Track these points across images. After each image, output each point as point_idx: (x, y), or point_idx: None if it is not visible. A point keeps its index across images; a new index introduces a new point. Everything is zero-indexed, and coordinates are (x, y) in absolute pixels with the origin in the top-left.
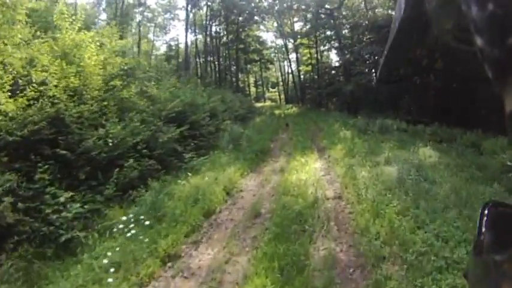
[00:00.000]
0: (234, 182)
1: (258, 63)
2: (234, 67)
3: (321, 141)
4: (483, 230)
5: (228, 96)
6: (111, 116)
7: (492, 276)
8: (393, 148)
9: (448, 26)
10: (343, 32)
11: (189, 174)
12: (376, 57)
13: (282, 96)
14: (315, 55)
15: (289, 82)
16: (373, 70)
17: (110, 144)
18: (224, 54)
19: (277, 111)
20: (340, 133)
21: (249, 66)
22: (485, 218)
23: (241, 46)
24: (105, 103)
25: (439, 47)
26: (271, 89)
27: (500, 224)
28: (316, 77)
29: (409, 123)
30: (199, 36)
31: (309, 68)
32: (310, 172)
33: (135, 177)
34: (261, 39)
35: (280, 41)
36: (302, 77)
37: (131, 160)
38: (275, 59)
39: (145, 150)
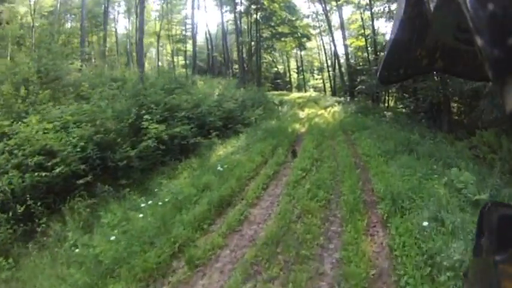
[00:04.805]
0: None
1: (291, 39)
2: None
3: None
4: (483, 230)
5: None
6: None
7: (492, 276)
8: None
9: (449, 26)
10: None
11: None
12: None
13: (328, 84)
14: (370, 23)
15: (336, 66)
16: None
17: None
18: (251, 33)
19: (305, 112)
20: None
21: (278, 44)
22: (485, 219)
23: (262, 14)
24: None
25: (439, 47)
26: (316, 76)
27: (500, 224)
28: (373, 56)
29: None
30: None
31: (362, 41)
32: None
33: None
34: (291, 6)
35: (318, 5)
36: (351, 57)
37: None
38: (314, 32)
39: None
